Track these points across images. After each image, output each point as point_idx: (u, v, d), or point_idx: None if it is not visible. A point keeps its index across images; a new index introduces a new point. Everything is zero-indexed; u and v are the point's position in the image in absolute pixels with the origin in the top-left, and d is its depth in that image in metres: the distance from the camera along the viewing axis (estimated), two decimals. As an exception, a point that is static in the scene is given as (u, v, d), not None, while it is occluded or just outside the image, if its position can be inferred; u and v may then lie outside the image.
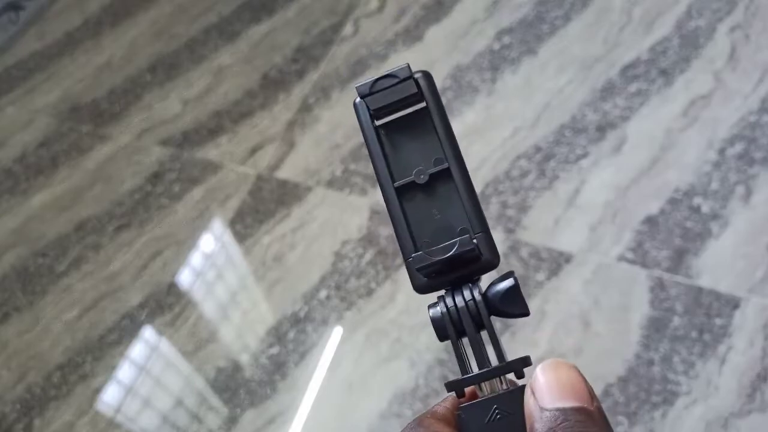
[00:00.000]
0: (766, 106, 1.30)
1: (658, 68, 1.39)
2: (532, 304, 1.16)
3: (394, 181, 0.32)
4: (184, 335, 1.26)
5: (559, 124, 1.37)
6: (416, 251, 0.31)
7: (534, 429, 0.25)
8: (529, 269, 1.20)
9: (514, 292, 0.30)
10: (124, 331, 1.28)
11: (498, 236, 1.24)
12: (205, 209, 1.42)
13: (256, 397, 1.17)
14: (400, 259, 1.26)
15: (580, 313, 1.14)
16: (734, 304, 1.10)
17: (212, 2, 1.80)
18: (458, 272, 0.31)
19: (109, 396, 1.22)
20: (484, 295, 0.31)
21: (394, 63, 1.56)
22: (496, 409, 0.28)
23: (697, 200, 1.22)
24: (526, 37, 1.51)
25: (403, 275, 1.24)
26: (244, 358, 1.22)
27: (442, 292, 0.32)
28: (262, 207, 1.39)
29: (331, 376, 1.16)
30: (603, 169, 1.29)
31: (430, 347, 1.15)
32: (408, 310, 1.20)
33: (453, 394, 0.30)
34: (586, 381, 0.26)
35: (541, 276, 1.19)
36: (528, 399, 0.26)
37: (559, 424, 0.24)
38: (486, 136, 1.38)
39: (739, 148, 1.26)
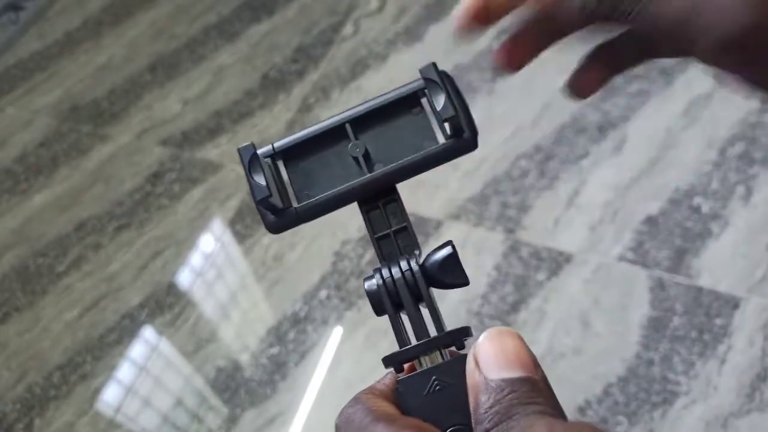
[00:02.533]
0: (766, 106, 1.30)
1: (658, 68, 1.39)
2: (532, 304, 1.16)
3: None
4: (184, 335, 1.26)
5: (559, 124, 1.37)
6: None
7: (479, 400, 0.24)
8: (529, 269, 1.20)
9: (452, 260, 0.29)
10: (124, 331, 1.28)
11: (498, 236, 1.24)
12: (205, 209, 1.42)
13: (256, 397, 1.17)
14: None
15: (580, 313, 1.14)
16: (734, 304, 1.10)
17: (212, 2, 1.80)
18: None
19: (109, 396, 1.22)
20: (422, 265, 0.30)
21: (395, 63, 1.56)
22: (435, 380, 0.27)
23: (697, 200, 1.22)
24: (526, 36, 1.51)
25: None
26: (244, 358, 1.22)
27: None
28: (262, 207, 1.39)
29: (331, 376, 1.16)
30: (603, 168, 1.29)
31: (430, 347, 1.15)
32: (408, 310, 1.20)
33: (392, 370, 0.29)
34: (529, 349, 0.25)
35: (541, 276, 1.19)
36: (471, 369, 0.25)
37: (506, 395, 0.23)
38: (486, 136, 1.37)
39: (739, 148, 1.26)
